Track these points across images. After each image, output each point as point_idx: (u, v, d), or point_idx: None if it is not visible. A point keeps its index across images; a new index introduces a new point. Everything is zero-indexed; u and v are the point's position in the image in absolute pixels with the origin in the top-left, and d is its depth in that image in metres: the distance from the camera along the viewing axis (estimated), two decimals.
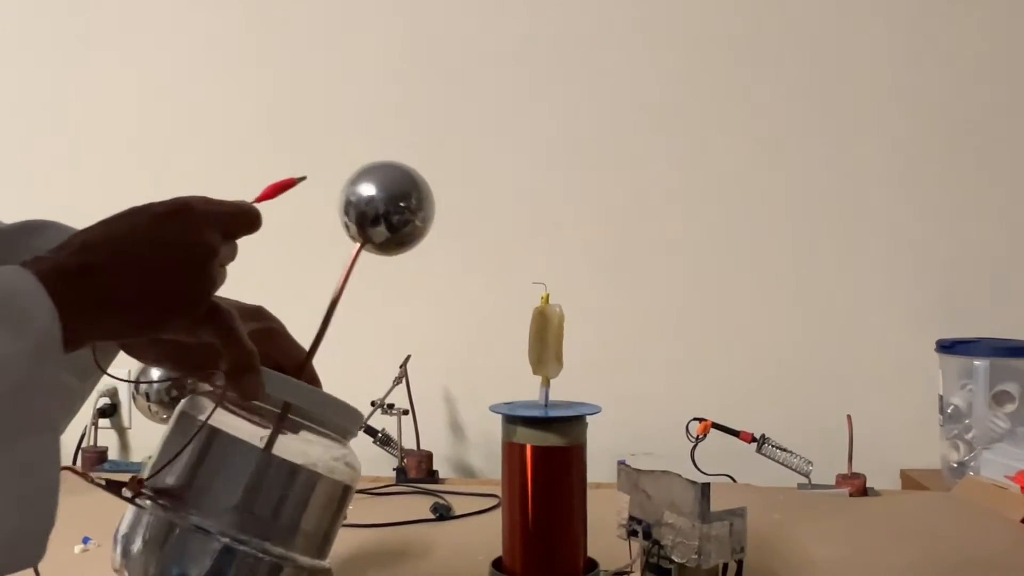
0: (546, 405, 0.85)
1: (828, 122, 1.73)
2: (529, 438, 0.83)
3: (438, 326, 1.75)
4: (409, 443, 1.51)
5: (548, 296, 0.85)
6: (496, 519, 0.87)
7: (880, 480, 1.45)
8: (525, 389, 0.88)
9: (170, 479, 0.59)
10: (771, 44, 1.74)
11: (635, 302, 1.75)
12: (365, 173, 0.77)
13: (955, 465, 1.54)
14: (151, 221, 0.57)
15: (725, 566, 0.89)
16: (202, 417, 0.60)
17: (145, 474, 0.60)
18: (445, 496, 1.29)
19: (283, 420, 0.61)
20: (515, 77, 1.77)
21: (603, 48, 1.76)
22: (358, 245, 0.76)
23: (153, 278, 0.55)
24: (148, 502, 0.59)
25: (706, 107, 1.75)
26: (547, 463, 0.83)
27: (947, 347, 1.58)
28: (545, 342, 0.85)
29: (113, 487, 0.58)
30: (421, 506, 1.23)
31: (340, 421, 0.65)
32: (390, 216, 0.75)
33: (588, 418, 0.85)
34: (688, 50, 1.75)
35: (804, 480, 1.38)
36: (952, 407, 1.56)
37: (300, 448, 0.63)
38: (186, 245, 0.57)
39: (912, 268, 1.72)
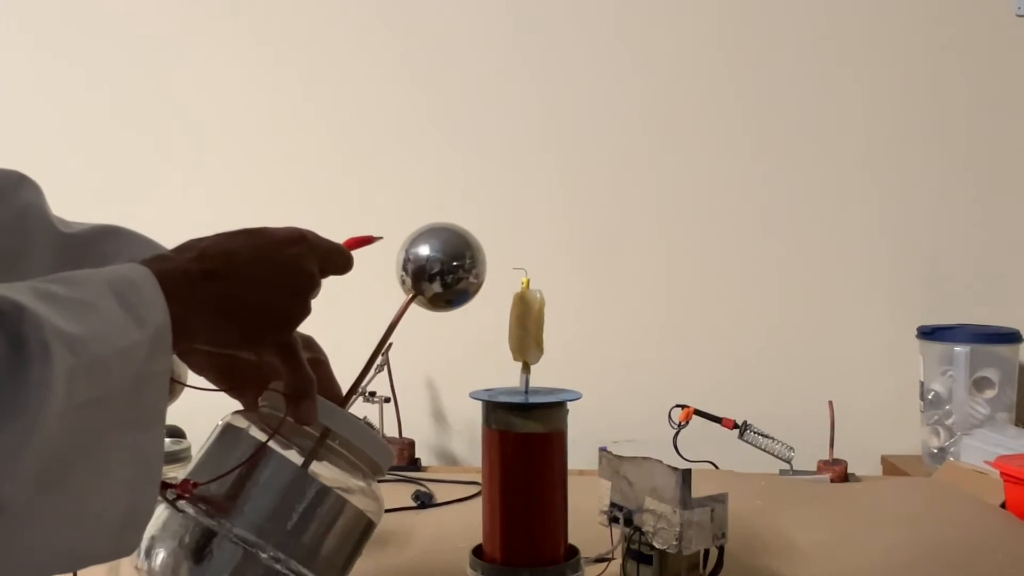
0: (526, 391, 0.84)
1: (809, 111, 1.73)
2: (508, 424, 0.82)
3: (420, 312, 1.73)
4: (391, 431, 1.50)
5: (528, 281, 0.84)
6: (478, 507, 0.86)
7: (861, 466, 1.45)
8: (509, 376, 0.87)
9: (211, 488, 0.59)
10: (754, 39, 1.74)
11: (618, 288, 1.75)
12: (424, 234, 0.83)
13: (935, 451, 1.55)
14: (271, 244, 0.60)
15: (706, 552, 0.89)
16: (252, 432, 0.61)
17: (187, 479, 0.59)
18: (427, 484, 1.29)
19: (321, 443, 0.63)
20: (500, 64, 1.76)
21: (587, 39, 1.75)
22: (408, 297, 0.80)
23: (264, 296, 0.58)
24: (190, 507, 0.58)
25: (690, 98, 1.74)
26: (526, 449, 0.83)
27: (928, 333, 1.58)
28: (526, 328, 0.84)
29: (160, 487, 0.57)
30: (403, 494, 1.23)
31: (374, 456, 0.66)
32: (445, 275, 0.82)
33: (570, 405, 0.84)
34: (672, 43, 1.74)
35: (786, 466, 1.38)
36: (933, 393, 1.56)
37: (329, 477, 0.63)
38: (298, 272, 0.60)
39: (893, 255, 1.73)
